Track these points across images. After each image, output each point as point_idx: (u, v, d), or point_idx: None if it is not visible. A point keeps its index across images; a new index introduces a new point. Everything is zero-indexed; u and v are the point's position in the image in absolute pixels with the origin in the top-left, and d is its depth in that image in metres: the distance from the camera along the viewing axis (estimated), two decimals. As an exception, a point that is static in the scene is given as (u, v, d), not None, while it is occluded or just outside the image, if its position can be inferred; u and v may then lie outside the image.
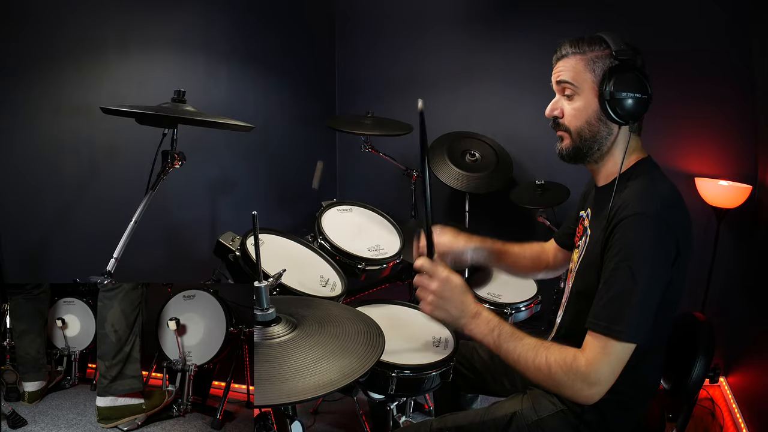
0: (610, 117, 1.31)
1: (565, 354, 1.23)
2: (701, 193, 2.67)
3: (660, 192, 1.28)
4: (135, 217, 1.66)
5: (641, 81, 1.29)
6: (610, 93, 1.29)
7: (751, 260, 2.69)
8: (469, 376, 1.80)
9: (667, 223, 1.22)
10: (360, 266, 1.98)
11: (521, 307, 2.43)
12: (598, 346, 1.20)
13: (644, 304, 1.19)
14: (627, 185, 1.32)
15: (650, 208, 1.22)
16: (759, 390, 2.46)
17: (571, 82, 1.34)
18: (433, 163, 2.89)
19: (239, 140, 2.89)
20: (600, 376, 1.19)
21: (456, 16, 3.29)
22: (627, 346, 1.20)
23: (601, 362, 1.19)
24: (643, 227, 1.22)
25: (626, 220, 1.23)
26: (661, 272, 1.22)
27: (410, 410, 1.78)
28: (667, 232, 1.22)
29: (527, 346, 1.28)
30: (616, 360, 1.20)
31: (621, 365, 1.20)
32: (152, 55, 2.51)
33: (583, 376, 1.20)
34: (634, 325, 1.18)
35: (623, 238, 1.23)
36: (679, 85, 2.77)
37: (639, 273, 1.19)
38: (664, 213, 1.23)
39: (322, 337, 1.20)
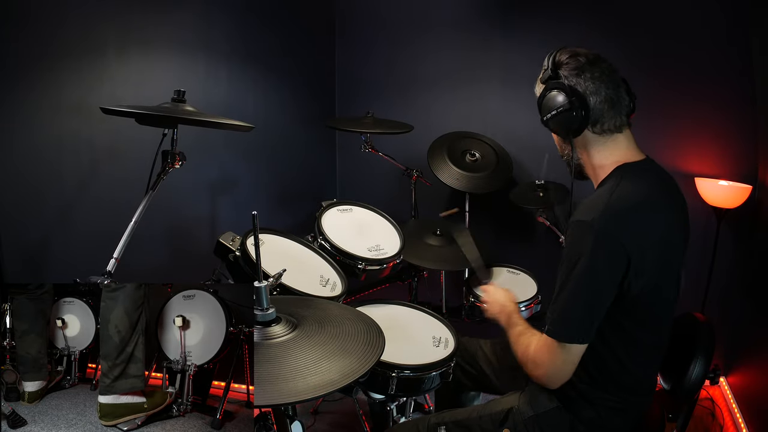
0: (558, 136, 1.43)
1: (530, 338, 1.42)
2: (701, 193, 2.66)
3: (612, 199, 1.28)
4: (135, 217, 1.66)
5: (559, 94, 1.34)
6: (543, 118, 1.39)
7: (751, 260, 2.69)
8: (471, 373, 1.81)
9: (605, 229, 1.24)
10: (360, 266, 1.98)
11: (521, 307, 2.43)
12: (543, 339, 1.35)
13: (579, 306, 1.27)
14: (595, 190, 1.39)
15: (589, 216, 1.26)
16: (759, 390, 2.45)
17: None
18: (433, 163, 2.89)
19: (239, 140, 2.89)
20: (541, 363, 1.35)
21: (456, 16, 3.29)
22: (564, 346, 1.29)
23: (542, 351, 1.35)
24: (579, 234, 1.27)
25: (569, 226, 1.30)
26: (597, 277, 1.25)
27: (410, 410, 1.78)
28: (604, 239, 1.23)
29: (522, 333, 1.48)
30: (557, 356, 1.31)
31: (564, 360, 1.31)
32: (152, 55, 2.50)
33: (531, 358, 1.38)
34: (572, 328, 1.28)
35: (566, 243, 1.32)
36: (679, 85, 2.78)
37: (574, 278, 1.26)
38: (603, 221, 1.24)
39: (322, 337, 1.20)
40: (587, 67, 1.33)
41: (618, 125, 1.36)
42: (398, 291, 2.70)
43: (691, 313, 1.66)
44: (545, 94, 1.36)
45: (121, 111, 1.58)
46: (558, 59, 1.36)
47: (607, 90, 1.33)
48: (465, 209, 3.04)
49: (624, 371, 1.35)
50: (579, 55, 1.35)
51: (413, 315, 1.91)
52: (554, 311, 1.31)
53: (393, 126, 2.83)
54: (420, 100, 3.34)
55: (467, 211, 3.05)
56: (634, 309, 1.30)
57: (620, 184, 1.31)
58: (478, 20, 3.25)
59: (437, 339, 1.74)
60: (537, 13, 3.07)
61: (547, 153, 2.51)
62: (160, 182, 1.74)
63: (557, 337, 1.30)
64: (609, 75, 1.34)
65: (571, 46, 1.39)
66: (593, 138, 1.37)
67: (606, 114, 1.34)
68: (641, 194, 1.31)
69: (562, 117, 1.34)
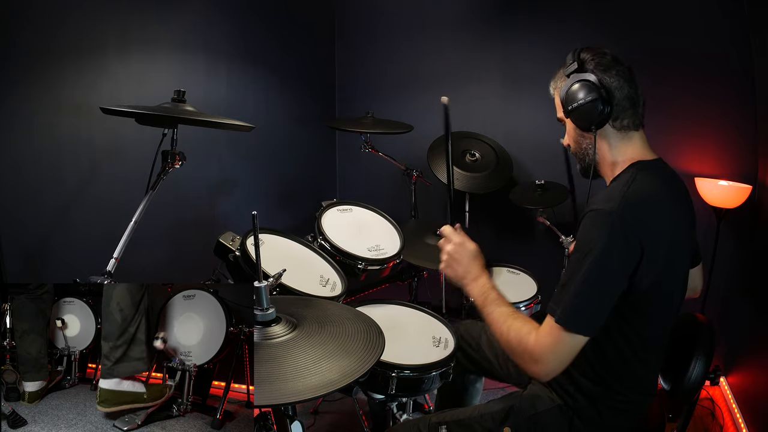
0: (580, 128, 1.41)
1: (523, 327, 1.31)
2: (701, 193, 2.66)
3: (630, 191, 1.29)
4: (135, 217, 1.66)
5: (587, 86, 1.34)
6: (569, 108, 1.38)
7: (751, 260, 2.69)
8: (473, 356, 1.81)
9: (623, 220, 1.24)
10: (360, 266, 1.98)
11: (521, 306, 2.43)
12: (547, 328, 1.27)
13: (590, 295, 1.24)
14: (608, 186, 1.39)
15: (607, 206, 1.26)
16: (759, 390, 2.45)
17: (558, 115, 1.47)
18: (433, 162, 2.89)
19: (239, 140, 2.89)
20: (543, 356, 1.26)
21: (456, 16, 3.29)
22: (571, 335, 1.24)
23: (546, 343, 1.26)
24: (595, 223, 1.26)
25: (585, 215, 1.29)
26: (610, 267, 1.24)
27: (410, 410, 1.78)
28: (621, 229, 1.24)
29: (502, 313, 1.37)
30: (561, 345, 1.24)
31: (567, 351, 1.25)
32: (152, 55, 2.51)
33: (530, 351, 1.27)
34: (581, 320, 1.24)
35: (580, 232, 1.30)
36: (679, 85, 2.78)
37: (586, 265, 1.23)
38: (622, 211, 1.25)
39: (322, 337, 1.20)
40: (613, 65, 1.36)
41: (636, 123, 1.40)
42: (398, 291, 2.70)
43: (691, 313, 1.66)
44: (571, 85, 1.37)
45: (121, 111, 1.58)
46: (583, 56, 1.38)
47: (629, 88, 1.36)
48: (465, 209, 3.04)
49: (627, 367, 1.35)
50: (605, 53, 1.38)
51: (413, 315, 1.91)
52: (562, 300, 1.25)
53: (393, 126, 2.83)
54: (420, 100, 3.33)
55: (467, 211, 3.05)
56: (641, 304, 1.30)
57: (636, 179, 1.33)
58: (478, 20, 3.25)
59: (437, 339, 1.74)
60: (537, 13, 3.07)
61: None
62: (160, 182, 1.74)
63: (567, 325, 1.24)
64: (630, 75, 1.38)
65: (593, 45, 1.41)
66: (613, 133, 1.40)
67: (627, 111, 1.37)
68: (656, 190, 1.33)
69: (588, 108, 1.35)
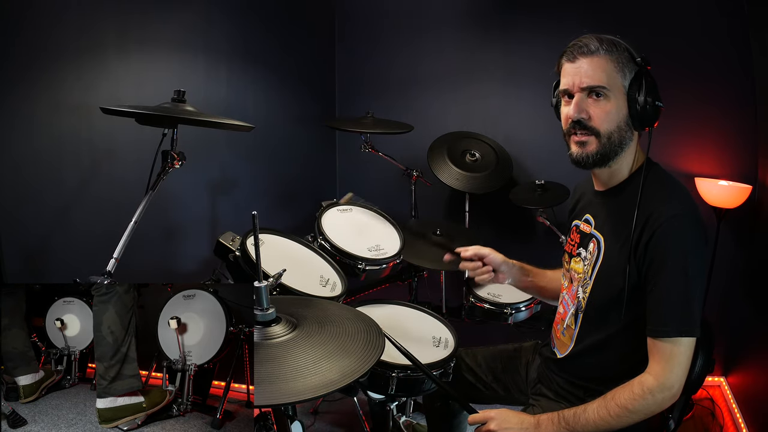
0: (636, 122, 1.33)
1: (631, 388, 1.28)
2: (701, 193, 2.66)
3: (682, 189, 1.34)
4: (135, 217, 1.66)
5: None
6: (644, 99, 1.30)
7: (751, 260, 2.69)
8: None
9: (698, 217, 1.28)
10: (360, 266, 1.98)
11: (521, 307, 2.43)
12: (666, 353, 1.25)
13: (699, 299, 1.27)
14: (644, 187, 1.32)
15: (684, 208, 1.28)
16: (759, 390, 2.45)
17: (605, 83, 1.31)
18: (433, 163, 2.89)
19: (239, 140, 2.89)
20: (672, 381, 1.25)
21: (456, 16, 3.28)
22: (691, 342, 1.26)
23: (671, 367, 1.25)
24: (686, 227, 1.27)
25: (667, 223, 1.26)
26: (704, 266, 1.32)
27: (410, 410, 1.78)
28: (700, 227, 1.28)
29: (597, 410, 1.30)
30: (685, 358, 1.26)
31: (688, 361, 1.26)
32: (152, 55, 2.50)
33: (659, 390, 1.25)
34: (696, 320, 1.26)
35: (667, 241, 1.26)
36: (679, 85, 2.77)
37: (692, 271, 1.25)
38: (694, 209, 1.29)
39: (322, 337, 1.20)
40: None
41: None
42: (398, 291, 2.70)
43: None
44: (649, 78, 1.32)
45: (121, 111, 1.58)
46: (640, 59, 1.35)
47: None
48: (465, 209, 3.05)
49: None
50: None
51: (413, 315, 1.91)
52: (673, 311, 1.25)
53: (393, 126, 2.83)
54: (420, 100, 3.33)
55: (467, 211, 3.05)
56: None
57: (667, 177, 1.37)
58: (477, 20, 3.25)
59: (437, 339, 1.74)
60: (537, 13, 3.07)
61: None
62: (160, 182, 1.74)
63: (685, 333, 1.24)
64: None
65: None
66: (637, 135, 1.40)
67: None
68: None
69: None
